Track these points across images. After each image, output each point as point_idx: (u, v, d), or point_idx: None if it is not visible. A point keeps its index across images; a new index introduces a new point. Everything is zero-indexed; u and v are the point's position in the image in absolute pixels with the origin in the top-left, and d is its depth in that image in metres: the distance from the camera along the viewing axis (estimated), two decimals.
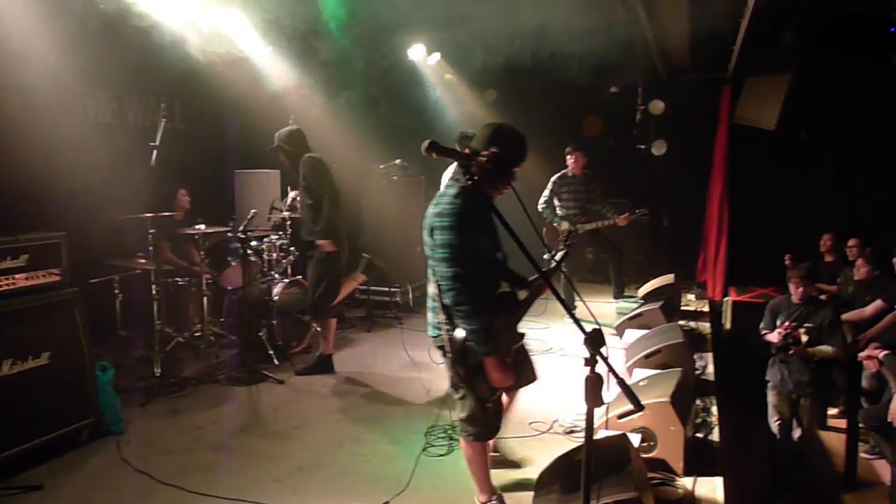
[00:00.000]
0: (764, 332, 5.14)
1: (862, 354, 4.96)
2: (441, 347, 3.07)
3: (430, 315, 3.16)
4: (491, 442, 3.61)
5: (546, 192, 7.41)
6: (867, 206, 8.31)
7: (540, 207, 7.40)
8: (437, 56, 8.65)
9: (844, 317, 5.64)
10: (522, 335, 3.40)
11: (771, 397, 5.14)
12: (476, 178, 2.74)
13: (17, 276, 3.99)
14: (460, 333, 2.96)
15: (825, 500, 4.68)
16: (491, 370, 2.98)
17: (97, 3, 5.44)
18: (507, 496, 3.64)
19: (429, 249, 3.02)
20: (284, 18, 6.43)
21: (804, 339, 4.81)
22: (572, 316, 2.28)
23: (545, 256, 7.43)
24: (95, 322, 4.62)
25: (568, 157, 7.38)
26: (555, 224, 7.35)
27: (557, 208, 7.39)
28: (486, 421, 3.17)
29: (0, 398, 3.79)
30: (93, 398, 4.31)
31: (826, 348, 4.74)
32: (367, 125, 8.19)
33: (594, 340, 2.08)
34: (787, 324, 4.89)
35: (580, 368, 2.09)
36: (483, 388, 3.08)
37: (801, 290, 4.95)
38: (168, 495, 3.66)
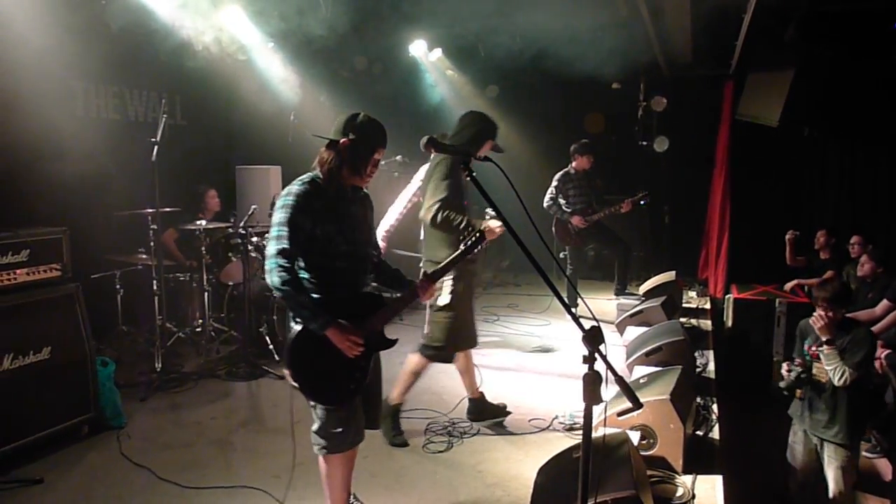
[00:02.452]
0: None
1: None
2: None
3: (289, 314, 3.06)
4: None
5: (551, 190, 7.40)
6: (870, 202, 8.29)
7: (545, 205, 7.39)
8: (438, 52, 8.64)
9: (850, 315, 5.61)
10: (392, 342, 3.11)
11: (791, 437, 4.28)
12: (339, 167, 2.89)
13: (18, 271, 3.99)
14: (291, 333, 2.90)
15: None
16: (336, 341, 2.84)
17: None
18: (506, 492, 3.65)
19: None
20: (285, 13, 6.43)
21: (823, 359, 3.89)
22: (571, 313, 2.27)
23: (561, 255, 7.48)
24: (97, 317, 4.62)
25: (578, 157, 7.36)
26: (562, 220, 7.38)
27: (564, 206, 7.39)
28: (335, 433, 3.00)
29: (1, 393, 3.79)
30: (93, 393, 4.31)
31: (833, 367, 3.78)
32: None
33: (593, 338, 2.07)
34: (812, 348, 3.98)
35: (581, 366, 2.09)
36: (320, 392, 2.95)
37: (829, 314, 3.85)
38: (167, 490, 3.67)
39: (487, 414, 4.55)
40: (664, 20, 6.86)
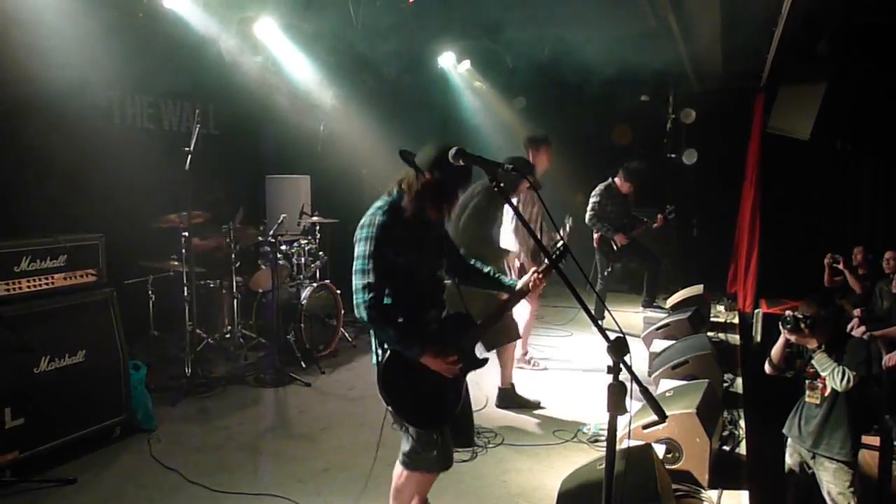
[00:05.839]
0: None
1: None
2: None
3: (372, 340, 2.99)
4: None
5: (593, 205, 7.31)
6: None
7: (588, 220, 7.30)
8: (466, 63, 8.70)
9: (879, 333, 5.51)
10: (483, 361, 3.07)
11: (788, 458, 4.13)
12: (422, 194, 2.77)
13: (55, 275, 4.10)
14: (380, 358, 2.84)
15: None
16: (433, 366, 2.81)
17: (135, 10, 5.61)
18: (529, 503, 3.65)
19: None
20: (318, 26, 6.54)
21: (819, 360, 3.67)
22: (597, 325, 2.28)
23: (607, 273, 7.46)
24: (130, 322, 4.72)
25: (625, 179, 7.30)
26: (606, 236, 7.32)
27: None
28: (427, 456, 2.93)
29: (37, 394, 3.89)
30: (126, 396, 4.40)
31: (830, 369, 3.61)
32: (398, 132, 8.27)
33: (617, 348, 2.08)
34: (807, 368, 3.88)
35: (604, 378, 2.10)
36: (415, 415, 2.87)
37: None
38: (196, 493, 3.73)
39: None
40: (694, 33, 6.84)
